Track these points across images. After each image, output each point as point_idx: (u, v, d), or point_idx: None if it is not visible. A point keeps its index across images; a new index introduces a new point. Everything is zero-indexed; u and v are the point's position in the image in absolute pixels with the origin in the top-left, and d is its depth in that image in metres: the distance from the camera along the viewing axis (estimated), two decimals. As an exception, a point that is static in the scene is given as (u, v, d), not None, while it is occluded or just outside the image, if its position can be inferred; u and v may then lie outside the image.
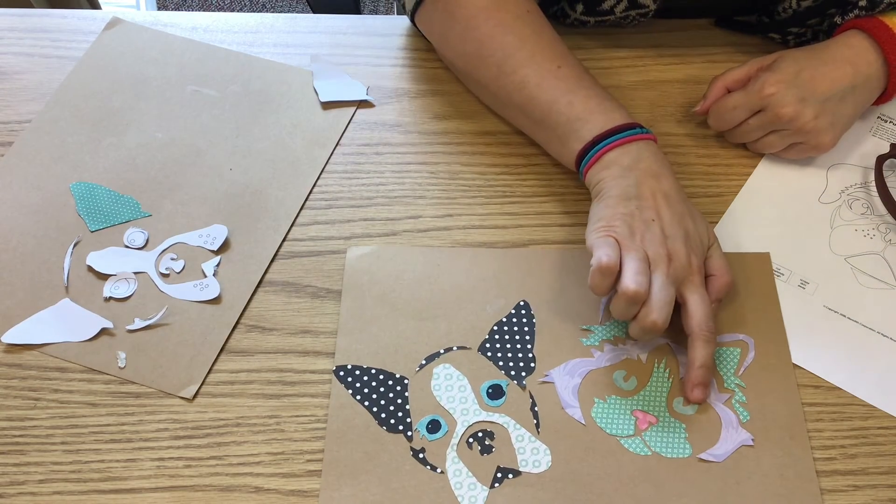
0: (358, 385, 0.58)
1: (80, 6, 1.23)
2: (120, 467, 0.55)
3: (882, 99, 0.69)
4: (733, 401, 0.58)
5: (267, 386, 0.58)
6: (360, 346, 0.59)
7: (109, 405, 0.57)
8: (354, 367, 0.58)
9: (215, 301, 0.62)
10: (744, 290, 0.63)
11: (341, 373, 0.58)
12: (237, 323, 0.61)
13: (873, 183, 0.69)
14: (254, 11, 1.97)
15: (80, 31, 0.78)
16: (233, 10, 1.99)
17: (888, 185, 0.68)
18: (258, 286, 0.63)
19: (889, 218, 0.68)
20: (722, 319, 0.61)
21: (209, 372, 0.59)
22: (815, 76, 0.65)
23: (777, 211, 0.68)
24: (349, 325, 0.60)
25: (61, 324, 0.60)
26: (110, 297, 0.62)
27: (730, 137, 0.71)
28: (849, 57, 0.66)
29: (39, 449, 0.55)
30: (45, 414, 0.57)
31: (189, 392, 0.58)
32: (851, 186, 0.70)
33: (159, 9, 1.92)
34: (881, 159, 0.69)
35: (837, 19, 0.70)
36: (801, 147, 0.68)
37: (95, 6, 1.29)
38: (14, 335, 0.60)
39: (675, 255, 0.57)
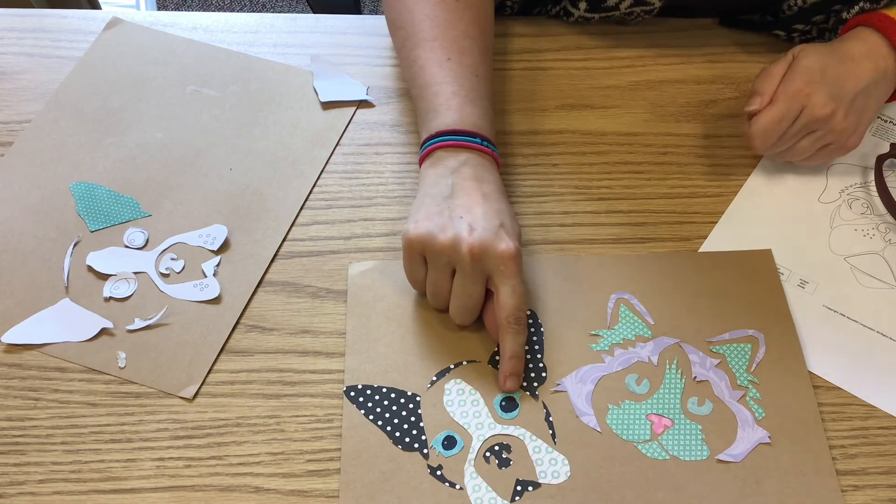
0: (370, 405, 0.57)
1: (80, 6, 1.23)
2: (120, 467, 0.55)
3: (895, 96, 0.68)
4: (748, 398, 0.58)
5: (267, 386, 0.58)
6: (369, 366, 0.59)
7: (109, 405, 0.57)
8: (365, 387, 0.58)
9: (215, 301, 0.62)
10: (750, 287, 0.63)
11: (352, 393, 0.58)
12: (237, 323, 0.61)
13: (873, 183, 0.69)
14: (254, 11, 1.97)
15: (80, 31, 0.78)
16: (233, 10, 1.99)
17: (888, 184, 0.68)
18: (258, 286, 0.63)
19: (889, 218, 0.68)
20: (730, 316, 0.61)
21: (209, 372, 0.59)
22: (839, 74, 0.63)
23: (777, 211, 0.68)
24: (356, 345, 0.60)
25: (61, 324, 0.60)
26: (110, 297, 0.62)
27: (767, 151, 0.67)
28: (866, 52, 0.65)
29: (39, 449, 0.55)
30: (45, 414, 0.57)
31: (189, 392, 0.58)
32: (851, 186, 0.70)
33: (159, 9, 1.92)
34: (881, 159, 0.69)
35: (844, 14, 0.70)
36: (828, 149, 0.66)
37: (95, 6, 1.29)
38: (14, 335, 0.60)
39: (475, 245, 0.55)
